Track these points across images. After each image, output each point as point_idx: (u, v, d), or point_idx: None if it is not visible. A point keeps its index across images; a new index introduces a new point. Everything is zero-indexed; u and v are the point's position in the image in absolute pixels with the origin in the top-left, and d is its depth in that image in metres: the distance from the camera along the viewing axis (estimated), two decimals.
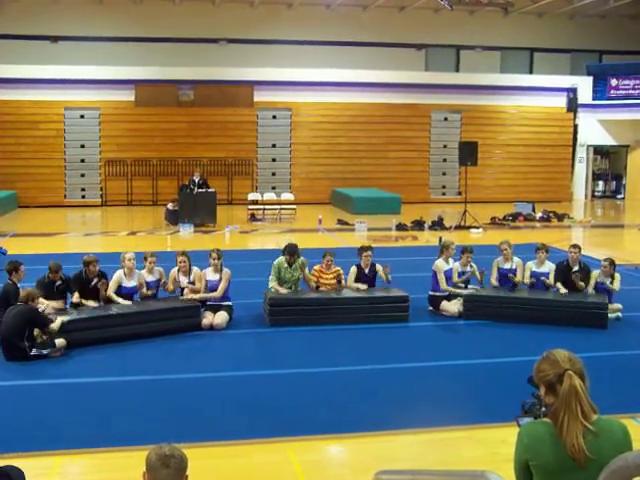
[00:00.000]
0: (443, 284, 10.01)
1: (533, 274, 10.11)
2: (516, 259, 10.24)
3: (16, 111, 24.34)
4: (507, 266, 10.19)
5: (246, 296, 10.11)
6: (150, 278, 9.50)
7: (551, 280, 10.00)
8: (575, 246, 10.12)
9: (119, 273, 9.28)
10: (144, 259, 9.54)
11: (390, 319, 9.46)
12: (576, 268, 9.92)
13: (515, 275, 10.09)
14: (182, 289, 9.54)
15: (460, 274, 10.16)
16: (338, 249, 12.77)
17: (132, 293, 9.33)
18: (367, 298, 9.68)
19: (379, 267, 10.08)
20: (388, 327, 9.29)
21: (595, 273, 9.97)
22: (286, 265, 9.80)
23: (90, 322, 8.53)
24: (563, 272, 9.94)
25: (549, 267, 10.11)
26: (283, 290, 9.67)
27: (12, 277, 8.74)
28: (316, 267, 10.05)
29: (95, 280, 9.14)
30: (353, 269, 10.10)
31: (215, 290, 9.45)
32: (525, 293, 9.93)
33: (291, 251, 9.78)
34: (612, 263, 9.89)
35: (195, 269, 9.64)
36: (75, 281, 9.18)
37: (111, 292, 9.12)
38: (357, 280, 10.00)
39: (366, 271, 10.05)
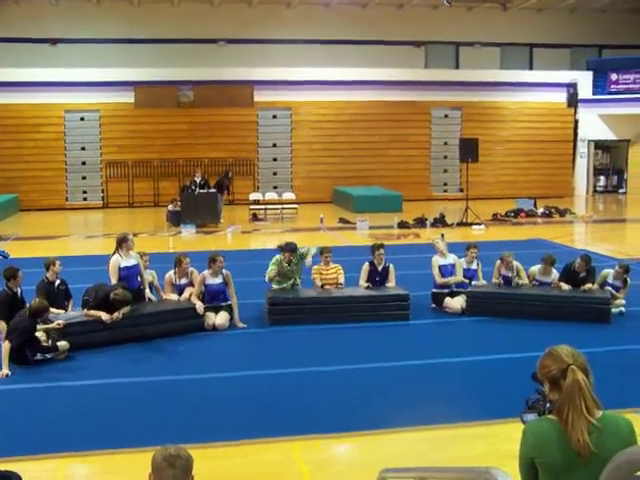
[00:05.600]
0: (437, 279, 10.00)
1: (538, 281, 10.02)
2: (516, 264, 10.08)
3: (16, 114, 24.37)
4: (509, 273, 10.08)
5: (248, 296, 10.08)
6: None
7: (556, 282, 9.92)
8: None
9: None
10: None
11: (391, 317, 9.44)
12: (583, 274, 9.76)
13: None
14: (180, 292, 9.53)
15: (465, 271, 10.15)
16: (340, 248, 12.77)
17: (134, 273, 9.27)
18: (367, 297, 9.63)
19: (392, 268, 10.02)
20: (389, 325, 9.28)
21: (606, 272, 9.94)
22: (285, 263, 9.79)
23: (93, 324, 8.52)
24: (568, 275, 9.85)
25: (555, 275, 9.97)
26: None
27: (9, 284, 8.55)
28: (315, 267, 10.03)
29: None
30: (365, 266, 10.01)
31: (221, 293, 9.44)
32: (529, 289, 9.89)
33: (292, 249, 9.77)
34: (626, 270, 9.84)
35: (192, 271, 9.64)
36: (97, 298, 8.66)
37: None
38: (369, 277, 9.94)
39: (379, 269, 10.00)
